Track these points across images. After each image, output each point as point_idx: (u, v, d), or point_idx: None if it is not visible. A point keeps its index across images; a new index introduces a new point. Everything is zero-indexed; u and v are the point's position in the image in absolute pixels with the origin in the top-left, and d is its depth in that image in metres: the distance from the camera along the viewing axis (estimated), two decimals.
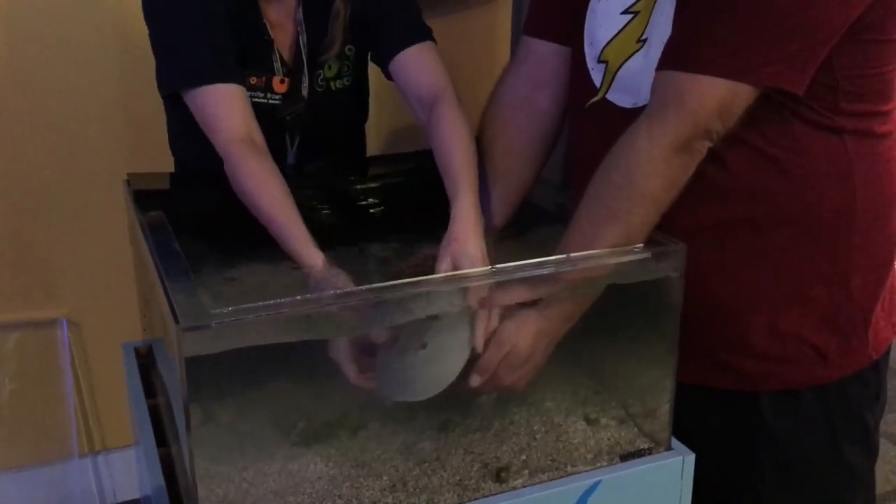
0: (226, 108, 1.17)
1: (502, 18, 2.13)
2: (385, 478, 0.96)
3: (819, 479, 1.16)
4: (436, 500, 0.95)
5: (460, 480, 0.97)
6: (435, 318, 0.95)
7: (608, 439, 1.06)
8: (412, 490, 0.95)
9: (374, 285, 0.89)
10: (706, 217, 1.06)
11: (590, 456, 1.03)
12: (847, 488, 1.18)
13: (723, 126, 0.98)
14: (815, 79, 0.97)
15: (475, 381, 0.99)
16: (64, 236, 2.02)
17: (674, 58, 0.99)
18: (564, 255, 0.98)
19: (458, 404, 1.05)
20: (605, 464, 1.03)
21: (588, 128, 1.18)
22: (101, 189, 1.99)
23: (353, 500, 0.94)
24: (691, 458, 1.04)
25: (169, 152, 1.47)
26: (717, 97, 0.95)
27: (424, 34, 1.31)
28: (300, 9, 1.31)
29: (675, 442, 1.06)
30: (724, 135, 0.99)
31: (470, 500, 0.95)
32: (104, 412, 2.14)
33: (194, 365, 0.79)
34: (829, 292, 1.09)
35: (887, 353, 1.18)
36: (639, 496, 1.03)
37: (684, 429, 1.07)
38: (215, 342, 0.80)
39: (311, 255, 1.02)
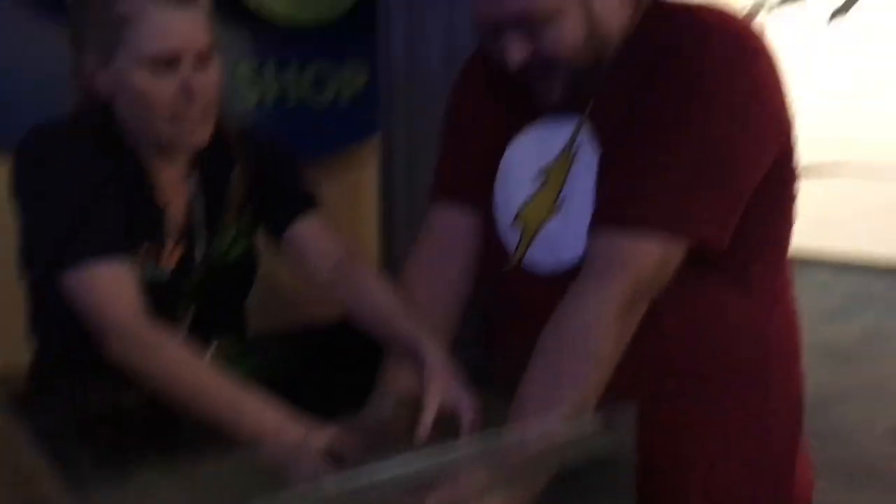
0: (118, 287, 1.08)
1: (368, 182, 2.11)
2: None
3: None
4: None
5: None
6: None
7: None
8: None
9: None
10: (638, 377, 1.04)
11: None
12: None
13: (658, 285, 0.98)
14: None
15: None
16: None
17: (609, 217, 0.99)
18: (532, 428, 0.93)
19: None
20: None
21: (508, 292, 1.16)
22: None
23: None
24: None
25: None
26: (655, 256, 0.97)
27: (317, 202, 1.29)
28: (195, 171, 1.23)
29: None
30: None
31: None
32: None
33: None
34: (753, 442, 1.10)
35: (810, 497, 1.19)
36: None
37: None
38: None
39: (292, 426, 0.98)
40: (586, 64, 1.03)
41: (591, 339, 0.96)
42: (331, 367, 1.31)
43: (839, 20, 2.72)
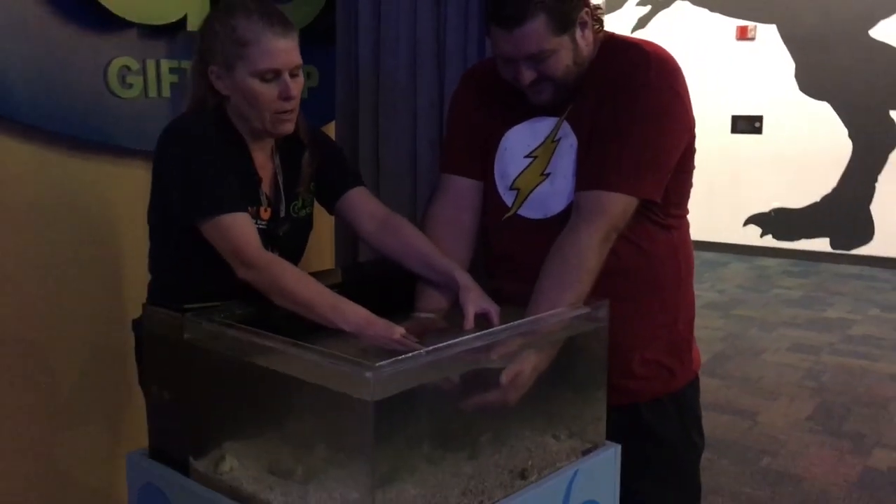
0: (250, 231, 1.52)
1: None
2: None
3: (678, 457, 1.74)
4: None
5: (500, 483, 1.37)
6: None
7: (570, 447, 1.52)
8: None
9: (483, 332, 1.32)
10: (605, 288, 1.58)
11: (564, 456, 1.48)
12: (692, 461, 1.78)
13: (623, 225, 1.54)
14: None
15: (504, 383, 1.39)
16: None
17: (592, 182, 1.54)
18: (551, 312, 1.45)
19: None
20: (575, 459, 1.48)
21: (506, 235, 1.69)
22: None
23: None
24: (619, 448, 1.55)
25: None
26: (622, 206, 1.53)
27: (361, 179, 1.76)
28: (277, 155, 1.67)
29: (606, 442, 1.56)
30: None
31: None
32: None
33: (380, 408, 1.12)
34: (669, 331, 1.70)
35: (699, 365, 1.81)
36: (596, 476, 1.51)
37: None
38: (397, 383, 1.15)
39: (378, 320, 1.42)
40: (570, 81, 1.58)
41: (583, 258, 1.50)
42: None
43: None
